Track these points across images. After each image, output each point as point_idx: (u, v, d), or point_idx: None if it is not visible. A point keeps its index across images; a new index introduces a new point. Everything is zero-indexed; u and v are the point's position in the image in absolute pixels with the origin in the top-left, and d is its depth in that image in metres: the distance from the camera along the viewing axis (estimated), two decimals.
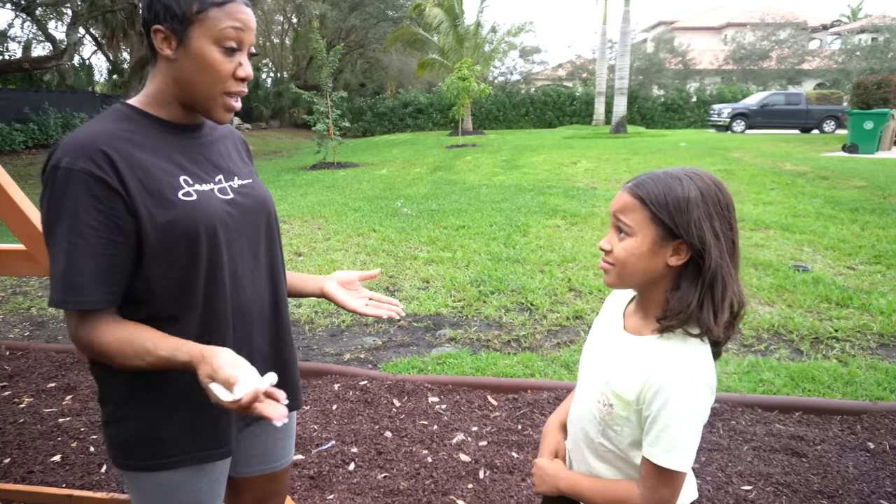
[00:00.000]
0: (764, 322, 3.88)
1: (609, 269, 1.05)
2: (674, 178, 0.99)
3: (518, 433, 2.68)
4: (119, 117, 1.09)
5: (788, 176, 9.46)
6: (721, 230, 0.98)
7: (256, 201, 1.21)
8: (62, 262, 1.00)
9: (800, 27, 33.86)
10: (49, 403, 3.01)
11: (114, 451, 1.14)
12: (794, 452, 2.49)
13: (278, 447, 1.37)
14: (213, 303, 1.11)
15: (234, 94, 1.11)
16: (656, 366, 0.99)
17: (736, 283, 1.01)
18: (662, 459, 0.98)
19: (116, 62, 26.87)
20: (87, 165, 0.99)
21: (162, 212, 1.04)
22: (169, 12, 1.03)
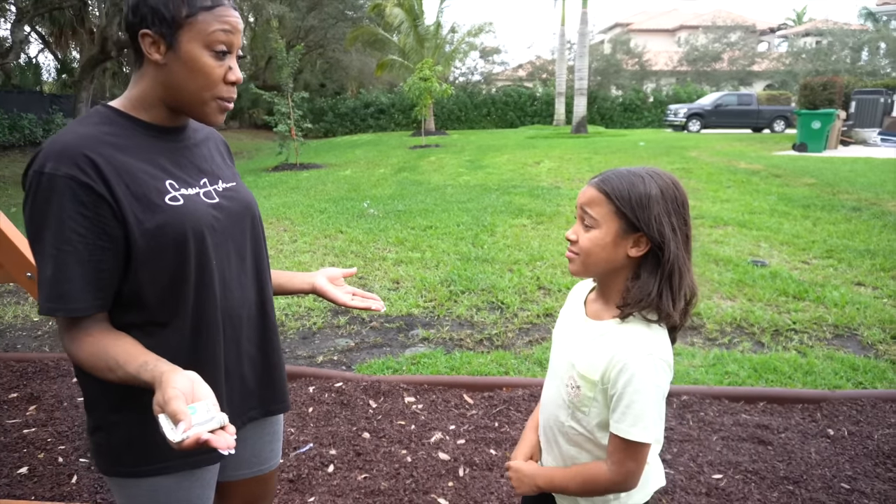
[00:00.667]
0: (727, 316, 4.02)
1: (574, 258, 1.13)
2: (636, 175, 1.07)
3: (495, 430, 2.71)
4: (102, 120, 1.07)
5: (743, 174, 9.79)
6: (677, 225, 1.07)
7: (241, 204, 1.21)
8: (50, 270, 0.98)
9: (749, 30, 35.11)
10: (11, 414, 2.90)
11: (102, 458, 1.13)
12: (760, 441, 2.58)
13: (266, 450, 1.37)
14: (203, 307, 1.11)
15: (226, 98, 1.10)
16: (618, 347, 1.07)
17: (689, 273, 1.09)
18: (629, 433, 1.05)
19: (65, 61, 25.91)
20: (71, 171, 0.97)
21: (149, 217, 1.03)
22: (157, 16, 1.02)
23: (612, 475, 1.09)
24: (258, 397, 1.27)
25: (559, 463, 1.23)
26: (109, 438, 1.10)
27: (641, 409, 1.04)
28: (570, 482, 1.17)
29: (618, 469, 1.08)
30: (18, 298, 4.89)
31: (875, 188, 8.19)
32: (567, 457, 1.20)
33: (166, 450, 1.09)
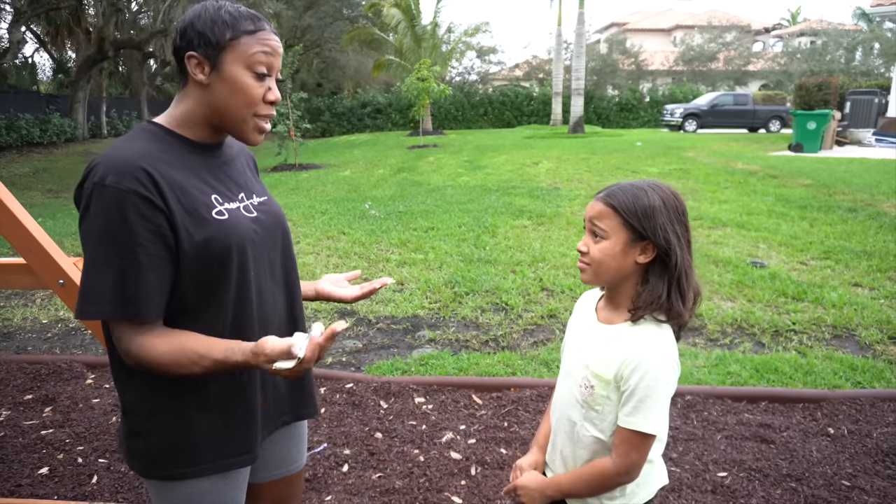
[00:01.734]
0: (727, 317, 4.09)
1: (586, 268, 1.21)
2: (640, 188, 1.16)
3: (505, 430, 2.77)
4: (151, 137, 1.12)
5: (740, 175, 9.88)
6: (680, 232, 1.16)
7: (274, 218, 1.27)
8: (111, 277, 1.03)
9: (744, 30, 35.30)
10: (28, 416, 2.95)
11: (139, 461, 1.17)
12: (762, 439, 2.66)
13: (293, 451, 1.42)
14: (241, 315, 1.16)
15: (264, 117, 1.16)
16: (632, 346, 1.15)
17: (694, 275, 1.19)
18: (640, 425, 1.13)
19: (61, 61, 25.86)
20: (133, 185, 1.02)
21: (198, 230, 1.09)
22: (203, 39, 1.08)
23: (616, 467, 1.17)
24: (290, 402, 1.33)
25: (566, 465, 1.29)
26: (147, 443, 1.15)
27: (653, 403, 1.12)
28: (577, 483, 1.24)
29: (622, 461, 1.16)
30: (26, 301, 4.93)
31: (870, 189, 8.28)
32: (574, 458, 1.26)
33: (203, 453, 1.16)
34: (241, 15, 1.11)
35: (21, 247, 1.74)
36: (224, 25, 1.08)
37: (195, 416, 1.15)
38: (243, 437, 1.20)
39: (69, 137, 19.23)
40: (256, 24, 1.11)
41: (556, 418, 1.33)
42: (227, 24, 1.09)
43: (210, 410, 1.16)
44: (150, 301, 1.05)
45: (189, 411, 1.15)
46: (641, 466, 1.18)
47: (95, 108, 22.04)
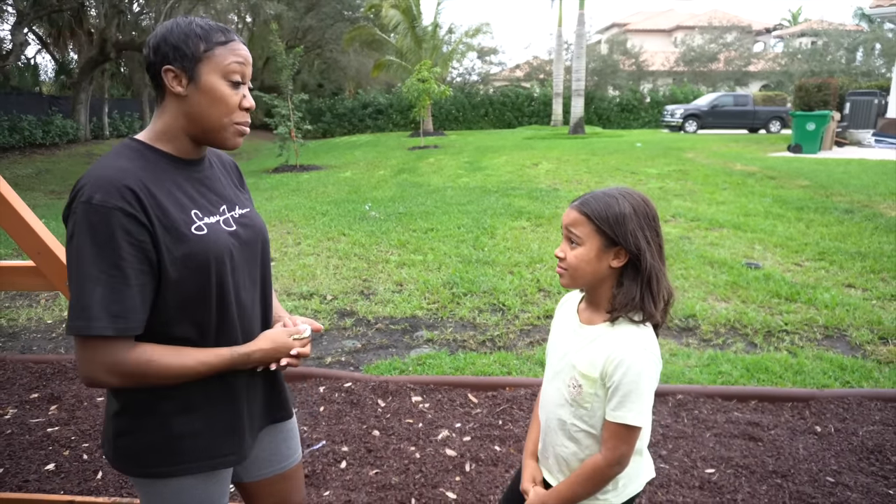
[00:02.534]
0: (721, 318, 4.16)
1: (563, 273, 1.29)
2: (611, 196, 1.23)
3: (499, 428, 2.84)
4: (134, 155, 1.16)
5: (739, 176, 9.93)
6: (650, 237, 1.23)
7: (255, 231, 1.32)
8: (100, 293, 1.05)
9: (745, 30, 35.34)
10: (34, 414, 3.02)
11: (127, 461, 1.22)
12: (750, 437, 2.72)
13: (283, 447, 1.47)
14: (223, 326, 1.22)
15: (241, 123, 1.22)
16: (614, 345, 1.22)
17: (665, 278, 1.26)
18: (625, 418, 1.20)
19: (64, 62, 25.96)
20: (118, 203, 1.06)
21: (178, 246, 1.13)
22: (178, 53, 1.14)
23: (607, 460, 1.24)
24: (266, 407, 1.39)
25: (559, 463, 1.36)
26: (133, 443, 1.20)
27: (637, 397, 1.19)
28: (575, 486, 1.30)
29: (612, 454, 1.23)
30: (31, 301, 5.00)
31: (868, 190, 8.34)
32: (569, 452, 1.33)
33: (188, 453, 1.23)
34: (211, 28, 1.16)
35: (30, 249, 1.80)
36: (197, 38, 1.14)
37: (180, 417, 1.20)
38: (228, 439, 1.26)
39: (71, 139, 19.31)
40: (227, 36, 1.17)
41: (545, 418, 1.40)
42: (200, 36, 1.14)
43: (194, 412, 1.21)
44: (137, 315, 1.09)
45: (174, 413, 1.20)
46: (630, 456, 1.25)
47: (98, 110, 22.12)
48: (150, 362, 1.11)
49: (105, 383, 1.11)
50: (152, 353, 1.11)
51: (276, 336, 1.27)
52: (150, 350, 1.12)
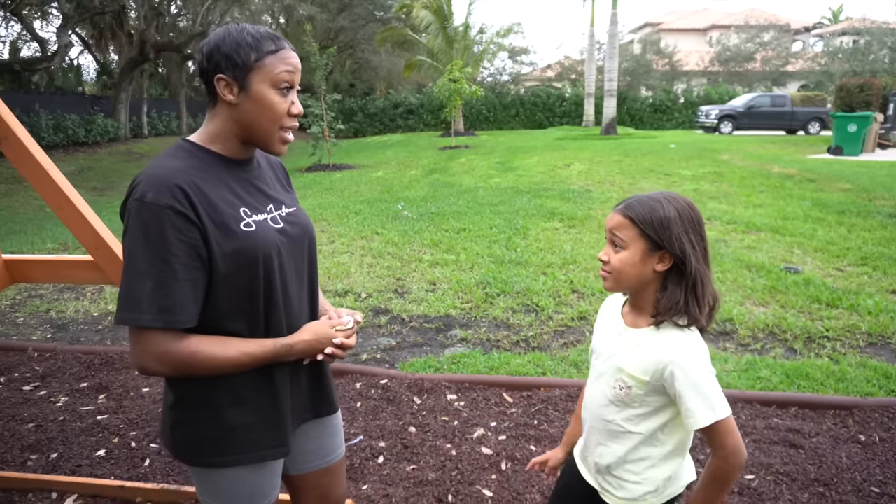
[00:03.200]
0: (759, 322, 4.09)
1: (607, 276, 1.29)
2: (656, 200, 1.24)
3: (535, 428, 2.85)
4: (186, 155, 1.21)
5: (777, 178, 9.73)
6: (695, 241, 1.23)
7: (302, 229, 1.35)
8: (150, 286, 1.10)
9: (783, 29, 34.51)
10: (84, 402, 3.14)
11: (184, 451, 1.27)
12: (791, 444, 2.68)
13: (329, 442, 1.51)
14: (271, 320, 1.26)
15: (288, 129, 1.26)
16: (665, 352, 1.22)
17: (710, 282, 1.26)
18: (714, 416, 1.18)
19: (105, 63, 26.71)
20: (169, 201, 1.11)
21: (227, 242, 1.17)
22: (230, 62, 1.17)
23: (724, 459, 1.21)
24: (310, 401, 1.42)
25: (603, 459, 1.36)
26: (191, 434, 1.26)
27: (709, 393, 1.18)
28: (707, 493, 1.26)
29: (725, 451, 1.21)
30: (78, 295, 5.18)
31: None
32: (611, 452, 1.34)
33: (240, 444, 1.27)
34: (262, 36, 1.19)
35: (88, 244, 1.89)
36: (248, 48, 1.17)
37: (232, 410, 1.24)
38: (275, 432, 1.30)
39: (112, 137, 19.88)
40: (277, 44, 1.20)
41: (588, 419, 1.41)
42: (251, 45, 1.17)
43: (245, 405, 1.26)
44: (185, 309, 1.13)
45: (227, 406, 1.24)
46: (740, 442, 1.21)
47: (137, 109, 22.72)
48: (196, 353, 1.15)
49: (155, 372, 1.16)
50: (198, 344, 1.16)
51: (318, 327, 1.31)
52: (197, 341, 1.16)
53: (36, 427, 2.90)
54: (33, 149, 1.77)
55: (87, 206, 1.91)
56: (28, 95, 18.81)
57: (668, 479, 1.33)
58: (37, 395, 3.24)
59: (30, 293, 5.24)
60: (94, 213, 1.93)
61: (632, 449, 1.31)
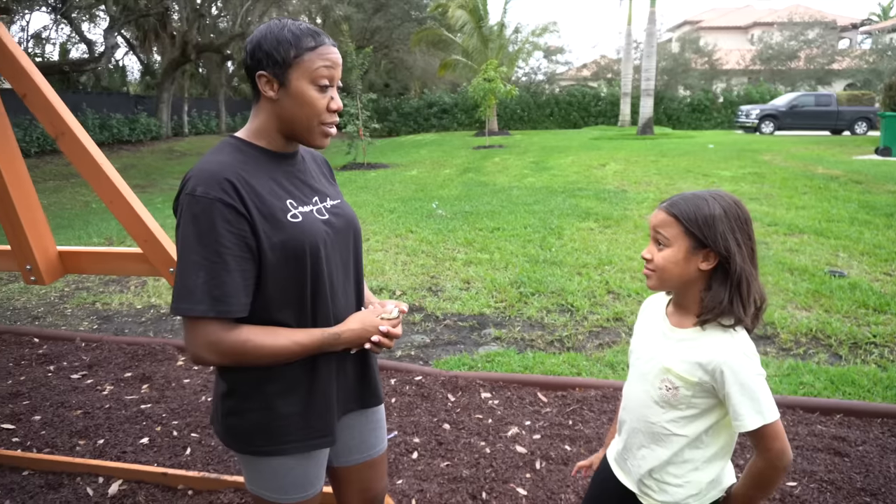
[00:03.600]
0: (801, 326, 3.98)
1: (651, 274, 1.27)
2: (701, 198, 1.21)
3: (570, 428, 2.83)
4: (233, 150, 1.25)
5: (821, 180, 9.45)
6: (742, 240, 1.20)
7: (346, 220, 1.37)
8: (202, 277, 1.13)
9: (829, 26, 33.38)
10: (129, 391, 3.24)
11: (234, 439, 1.30)
12: (836, 452, 2.60)
13: (372, 436, 1.53)
14: (318, 311, 1.28)
15: (329, 124, 1.27)
16: (713, 353, 1.20)
17: (757, 282, 1.22)
18: (760, 420, 1.17)
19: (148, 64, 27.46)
20: (219, 194, 1.14)
21: (275, 233, 1.20)
22: (271, 59, 1.19)
23: (769, 462, 1.21)
24: (356, 391, 1.44)
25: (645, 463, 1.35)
26: (242, 423, 1.29)
27: (759, 396, 1.17)
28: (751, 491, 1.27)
29: (770, 454, 1.20)
30: (122, 288, 5.34)
31: None
32: (654, 455, 1.32)
33: (289, 434, 1.30)
34: (302, 32, 1.20)
35: (138, 237, 1.95)
36: (288, 45, 1.19)
37: (282, 399, 1.27)
38: (323, 422, 1.32)
39: (154, 136, 20.45)
40: (317, 40, 1.21)
41: (629, 420, 1.38)
42: (291, 42, 1.19)
43: (294, 394, 1.28)
44: (237, 298, 1.16)
45: (276, 395, 1.27)
46: (788, 445, 1.21)
47: (178, 108, 23.31)
48: (246, 342, 1.18)
49: (208, 361, 1.19)
50: (249, 334, 1.18)
51: (365, 316, 1.33)
52: (247, 331, 1.19)
53: (84, 414, 3.01)
54: (88, 145, 1.84)
55: (137, 200, 1.97)
56: (76, 95, 19.48)
57: (711, 482, 1.30)
58: (84, 383, 3.36)
59: (77, 286, 5.43)
60: (144, 207, 1.98)
61: (676, 452, 1.28)
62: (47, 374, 3.49)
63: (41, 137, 15.51)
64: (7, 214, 1.98)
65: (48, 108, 1.83)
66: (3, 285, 5.45)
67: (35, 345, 3.94)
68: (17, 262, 2.05)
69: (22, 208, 1.99)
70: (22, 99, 1.83)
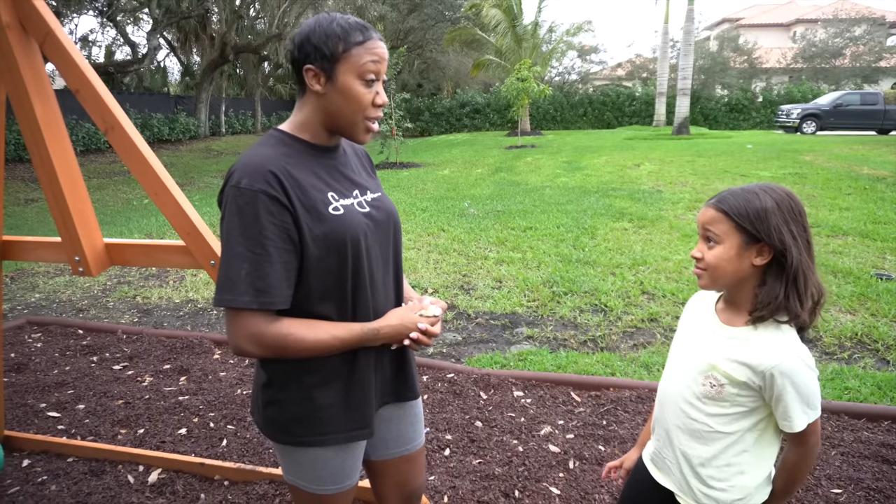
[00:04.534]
0: (846, 330, 3.86)
1: (702, 273, 1.23)
2: (750, 192, 1.18)
3: (603, 428, 2.79)
4: (277, 142, 1.26)
5: (866, 180, 9.14)
6: (797, 232, 1.16)
7: (387, 213, 1.37)
8: (246, 269, 1.14)
9: (877, 22, 32.23)
10: (167, 383, 3.31)
11: (273, 429, 1.31)
12: (884, 460, 2.51)
13: (410, 430, 1.53)
14: (358, 303, 1.29)
15: (373, 119, 1.27)
16: (766, 355, 1.16)
17: (814, 275, 1.18)
18: (806, 420, 1.17)
19: (188, 65, 28.11)
20: (263, 186, 1.15)
21: (317, 225, 1.20)
22: (319, 53, 1.20)
23: (803, 455, 1.23)
24: (392, 384, 1.44)
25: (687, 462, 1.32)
26: (281, 413, 1.30)
27: (811, 397, 1.16)
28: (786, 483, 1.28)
29: (806, 447, 1.22)
30: (161, 282, 5.47)
31: None
32: (690, 452, 1.29)
33: (327, 425, 1.30)
34: (350, 27, 1.20)
35: (182, 230, 1.98)
36: (336, 39, 1.19)
37: (320, 390, 1.28)
38: (360, 413, 1.33)
39: (193, 135, 20.92)
40: (365, 35, 1.21)
41: (668, 418, 1.35)
42: (339, 37, 1.19)
43: (332, 386, 1.29)
44: (280, 290, 1.17)
45: (315, 386, 1.28)
46: (820, 439, 1.23)
47: (216, 108, 23.81)
48: (288, 335, 1.18)
49: (249, 352, 1.19)
50: (290, 327, 1.19)
51: (404, 313, 1.33)
52: (289, 324, 1.19)
53: (125, 404, 3.09)
54: (136, 139, 1.89)
55: (181, 193, 2.01)
56: (120, 96, 20.02)
57: (757, 486, 1.27)
58: (125, 374, 3.45)
59: (119, 280, 5.59)
60: (188, 202, 2.02)
61: (719, 452, 1.25)
62: (91, 364, 3.60)
63: (86, 137, 16.03)
64: (59, 207, 2.05)
65: (99, 103, 1.88)
66: (50, 279, 5.64)
67: (79, 336, 4.07)
68: (67, 253, 2.11)
69: (73, 202, 2.05)
70: (75, 94, 1.89)
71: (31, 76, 1.92)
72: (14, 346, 3.87)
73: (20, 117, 1.97)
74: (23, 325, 4.28)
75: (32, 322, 4.32)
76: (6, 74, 1.91)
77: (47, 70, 1.98)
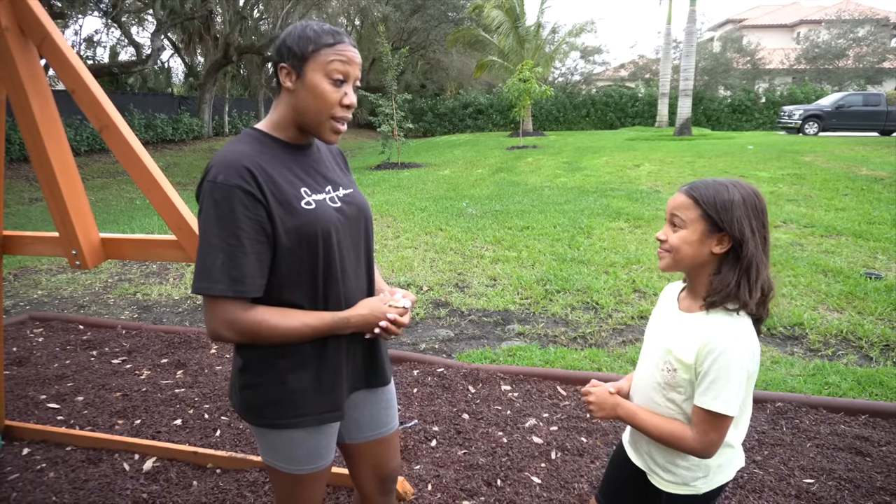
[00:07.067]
0: (832, 328, 3.91)
1: (665, 255, 1.33)
2: (721, 185, 1.26)
3: (587, 420, 2.86)
4: (253, 140, 1.34)
5: (864, 181, 9.17)
6: (756, 227, 1.24)
7: (358, 208, 1.45)
8: (221, 259, 1.21)
9: (881, 23, 32.16)
10: (164, 376, 3.40)
11: (249, 412, 1.39)
12: (858, 452, 2.57)
13: (383, 414, 1.60)
14: (329, 294, 1.36)
15: (339, 119, 1.34)
16: (708, 332, 1.25)
17: (766, 270, 1.27)
18: (711, 405, 1.22)
19: (192, 65, 28.25)
20: (238, 181, 1.22)
21: (290, 218, 1.28)
22: (291, 52, 1.29)
23: (695, 443, 1.27)
24: (363, 371, 1.52)
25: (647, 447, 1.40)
26: (256, 396, 1.37)
27: (724, 384, 1.21)
28: (651, 428, 1.33)
29: (702, 438, 1.26)
30: (161, 279, 5.57)
31: None
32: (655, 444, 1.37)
33: (299, 407, 1.38)
34: (323, 31, 1.29)
35: (173, 225, 2.06)
36: (308, 40, 1.28)
37: (294, 374, 1.35)
38: (332, 396, 1.41)
39: (196, 135, 21.04)
40: (336, 38, 1.30)
41: (637, 399, 1.43)
42: (311, 38, 1.28)
43: (305, 370, 1.36)
44: (253, 279, 1.24)
45: (286, 371, 1.35)
46: (719, 445, 1.26)
47: (219, 109, 23.92)
48: (262, 322, 1.26)
49: (225, 338, 1.27)
50: (264, 314, 1.27)
51: (374, 303, 1.40)
52: (263, 311, 1.27)
53: (123, 396, 3.18)
54: (129, 137, 1.97)
55: (173, 189, 2.09)
56: (124, 96, 20.20)
57: (719, 465, 1.35)
58: (124, 367, 3.54)
59: (120, 277, 5.68)
60: (179, 197, 2.11)
61: None
62: (90, 358, 3.69)
63: (90, 137, 16.16)
64: (56, 203, 2.13)
65: (94, 103, 1.96)
66: (53, 276, 5.75)
67: (80, 331, 4.16)
68: (64, 247, 2.20)
69: (70, 198, 2.13)
70: (71, 94, 1.97)
71: (30, 77, 2.00)
72: (16, 341, 3.97)
73: (19, 117, 2.06)
74: (25, 320, 4.38)
75: (35, 317, 4.42)
76: (6, 76, 2.00)
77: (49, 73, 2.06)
